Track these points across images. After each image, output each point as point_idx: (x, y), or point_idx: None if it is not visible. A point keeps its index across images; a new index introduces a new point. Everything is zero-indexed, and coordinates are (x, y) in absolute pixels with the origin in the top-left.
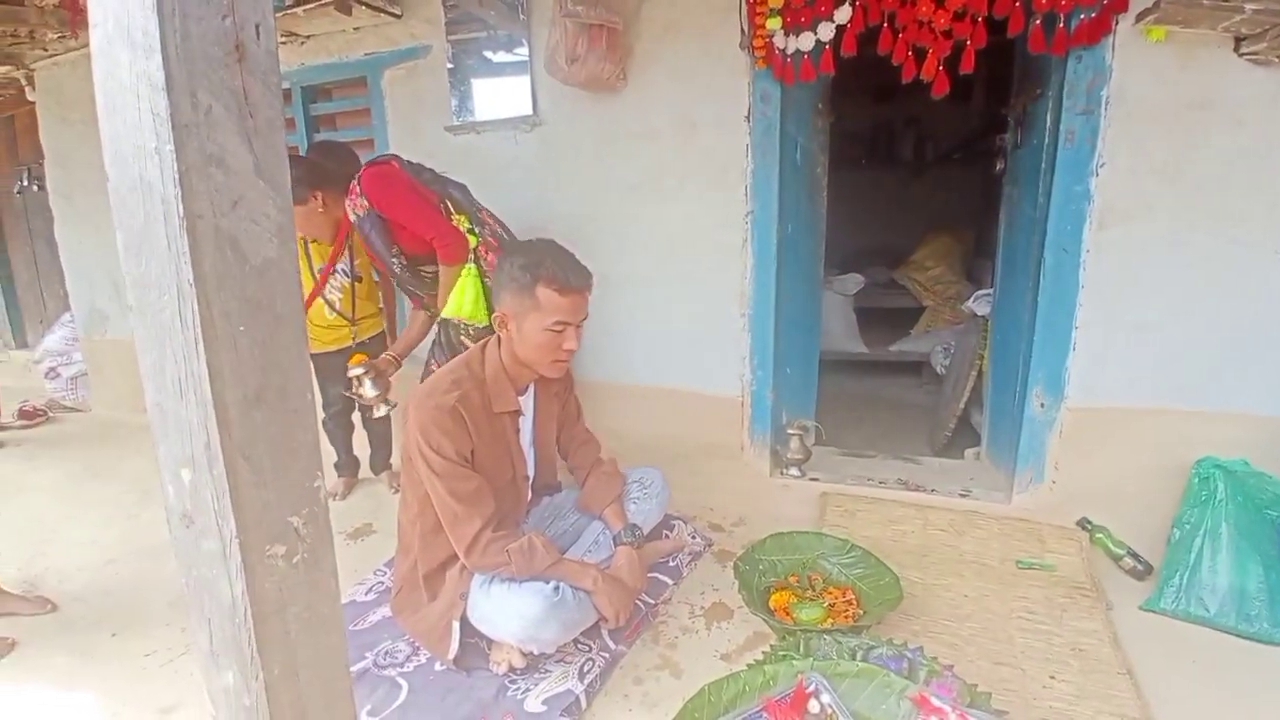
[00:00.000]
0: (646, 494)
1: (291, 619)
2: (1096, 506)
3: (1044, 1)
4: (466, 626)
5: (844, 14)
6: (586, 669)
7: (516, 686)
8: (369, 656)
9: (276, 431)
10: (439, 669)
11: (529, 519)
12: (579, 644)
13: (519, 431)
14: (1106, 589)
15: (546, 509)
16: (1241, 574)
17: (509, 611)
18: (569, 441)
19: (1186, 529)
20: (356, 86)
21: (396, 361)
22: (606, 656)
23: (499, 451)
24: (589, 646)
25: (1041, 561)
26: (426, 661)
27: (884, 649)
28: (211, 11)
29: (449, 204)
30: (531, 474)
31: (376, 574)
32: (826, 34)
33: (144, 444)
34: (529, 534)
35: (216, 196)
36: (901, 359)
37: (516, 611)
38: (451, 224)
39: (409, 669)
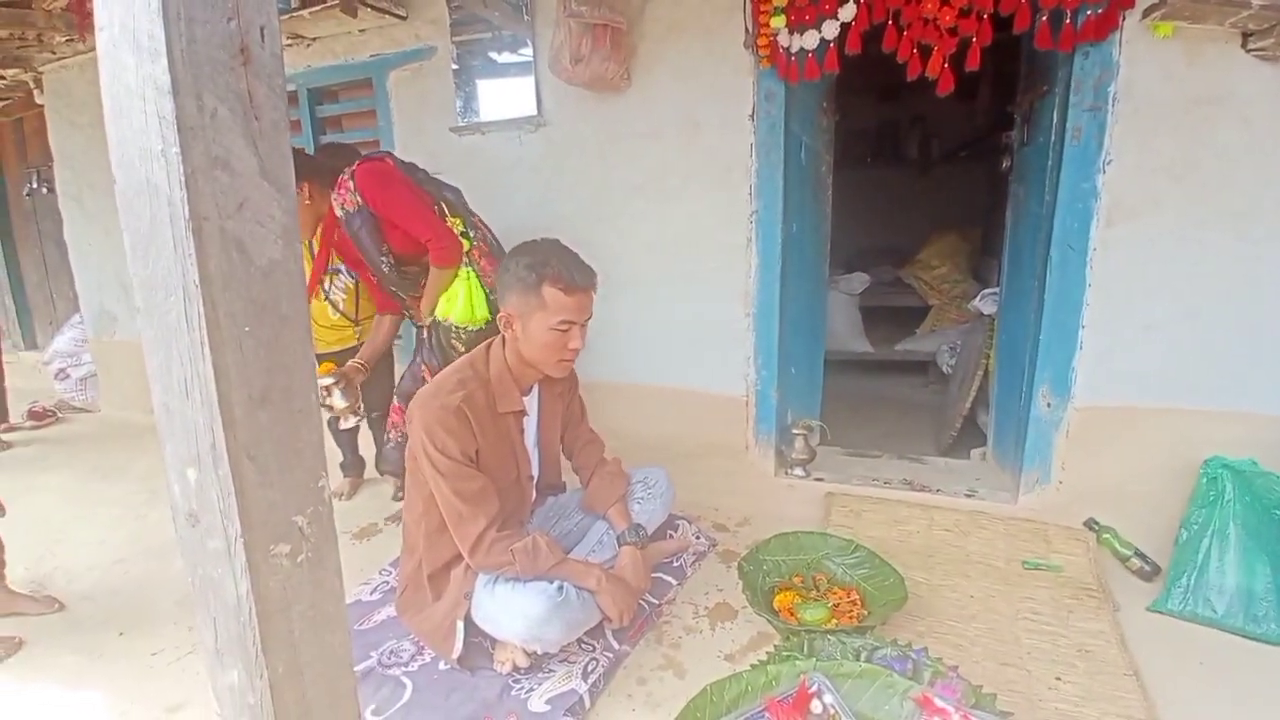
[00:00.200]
0: (651, 494)
1: (296, 618)
2: (1103, 507)
3: None
4: (471, 626)
5: (848, 12)
6: (590, 669)
7: (520, 686)
8: (374, 655)
9: (281, 431)
10: (443, 668)
11: (533, 519)
12: (583, 644)
13: (523, 431)
14: (1113, 590)
15: (551, 509)
16: (1249, 575)
17: (513, 611)
18: (573, 441)
19: (1194, 529)
20: (362, 88)
21: (365, 369)
22: (610, 656)
23: (503, 451)
24: (593, 646)
25: (1048, 562)
26: (431, 661)
27: (888, 650)
28: (216, 15)
29: (444, 206)
30: (536, 474)
31: (382, 574)
32: (831, 32)
33: (152, 444)
34: (533, 534)
35: (222, 199)
36: (907, 358)
37: (520, 611)
38: (447, 226)
39: (413, 668)
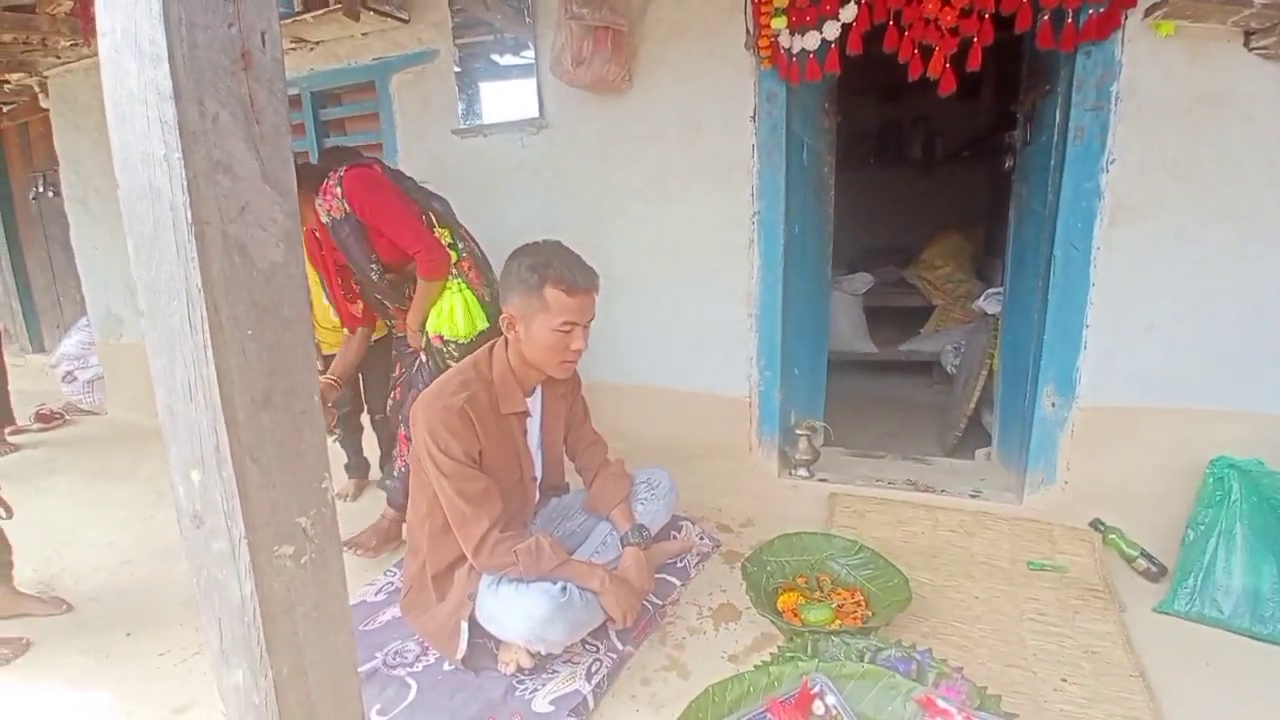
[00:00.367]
0: (654, 494)
1: (300, 618)
2: (1109, 507)
3: None
4: (475, 627)
5: (849, 12)
6: (594, 670)
7: (524, 687)
8: (378, 656)
9: (284, 433)
10: (447, 669)
11: (537, 520)
12: (586, 645)
13: (526, 433)
14: (1119, 591)
15: (554, 510)
16: (1256, 575)
17: (516, 612)
18: (576, 443)
19: (1201, 530)
20: (365, 91)
21: (338, 385)
22: (614, 657)
23: (507, 452)
24: (596, 647)
25: (1053, 563)
26: (435, 661)
27: (892, 651)
28: (218, 20)
29: (431, 216)
30: (539, 475)
31: (386, 574)
32: (832, 33)
33: (159, 446)
34: (536, 535)
35: (224, 202)
36: (911, 358)
37: (524, 612)
38: (435, 237)
39: (418, 669)
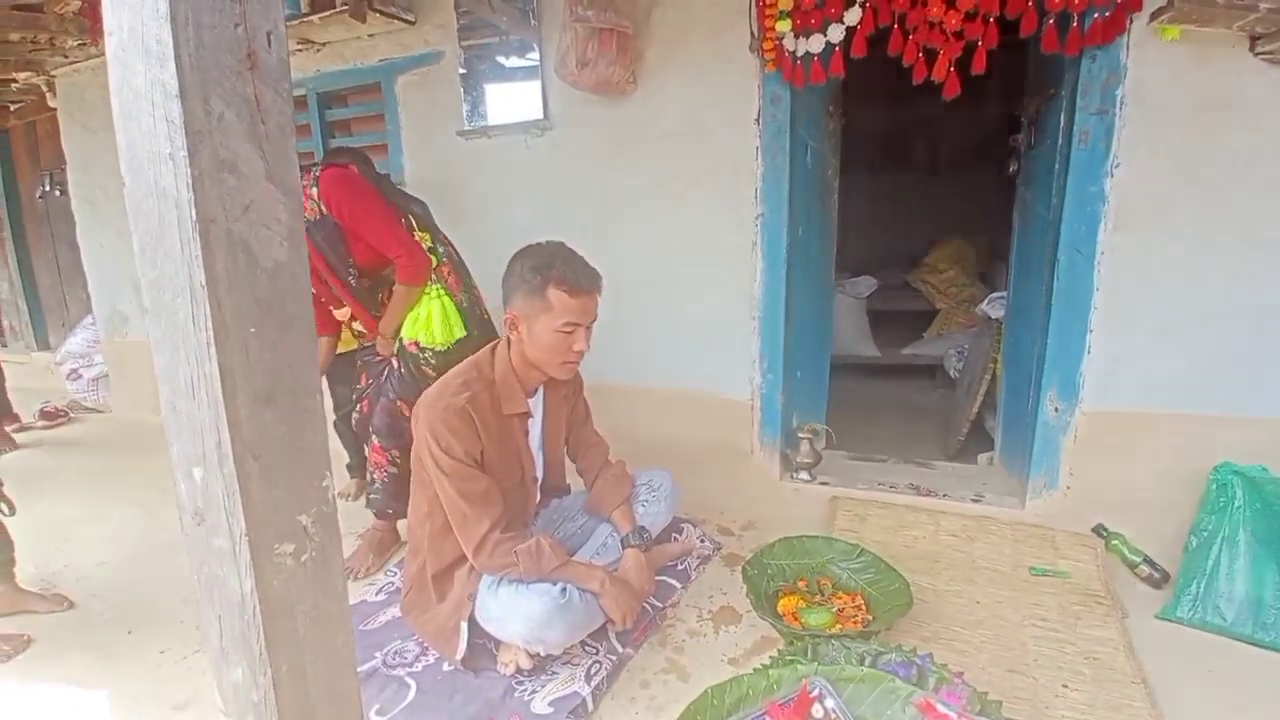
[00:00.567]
0: (655, 496)
1: (300, 617)
2: (1112, 513)
3: (1057, 1)
4: (475, 627)
5: (854, 15)
6: (593, 671)
7: (524, 688)
8: (378, 656)
9: (286, 431)
10: (447, 669)
11: (538, 521)
12: (586, 646)
13: (528, 433)
14: (1122, 597)
15: (555, 511)
16: (1259, 582)
17: (516, 612)
18: (577, 444)
19: (1204, 536)
20: (371, 92)
21: None
22: (614, 659)
23: (508, 453)
24: (596, 649)
25: (1055, 568)
26: (435, 662)
27: (893, 655)
28: (224, 20)
29: (411, 219)
30: (540, 476)
31: (387, 574)
32: (836, 36)
33: (163, 444)
34: (537, 535)
35: (228, 201)
36: (914, 362)
37: (523, 613)
38: (416, 241)
39: (417, 669)
